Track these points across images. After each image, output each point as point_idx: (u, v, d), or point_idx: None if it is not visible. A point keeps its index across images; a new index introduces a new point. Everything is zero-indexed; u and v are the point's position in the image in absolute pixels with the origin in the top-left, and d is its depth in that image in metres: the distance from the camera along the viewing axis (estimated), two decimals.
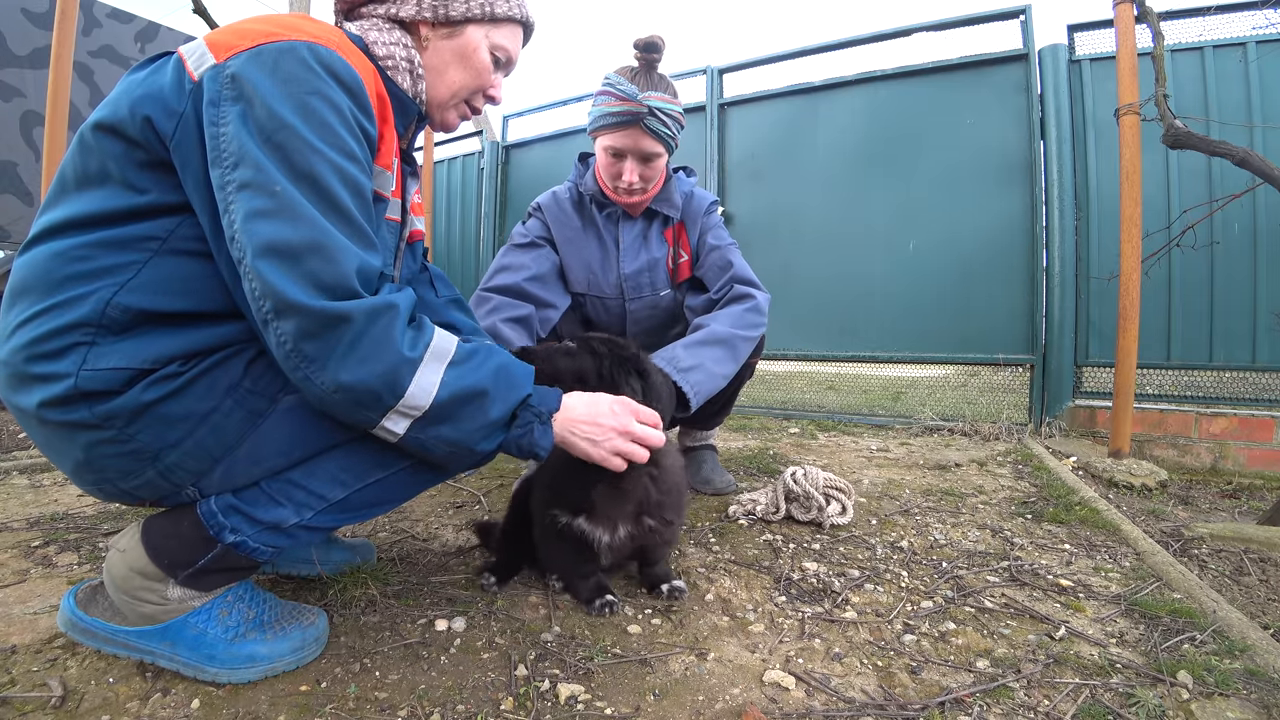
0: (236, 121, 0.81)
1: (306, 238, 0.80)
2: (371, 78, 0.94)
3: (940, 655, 1.06)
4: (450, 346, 0.91)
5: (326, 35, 0.90)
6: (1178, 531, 1.76)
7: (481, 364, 0.92)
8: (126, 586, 0.93)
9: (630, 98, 1.60)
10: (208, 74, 0.83)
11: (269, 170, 0.80)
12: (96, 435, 0.84)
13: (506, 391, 0.94)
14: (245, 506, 0.92)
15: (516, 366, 0.98)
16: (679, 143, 1.71)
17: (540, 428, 0.97)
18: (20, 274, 0.86)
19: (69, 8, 2.50)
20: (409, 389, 0.85)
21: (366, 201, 0.90)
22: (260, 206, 0.80)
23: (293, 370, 0.83)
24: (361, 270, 0.84)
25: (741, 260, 1.82)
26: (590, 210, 1.85)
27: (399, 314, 0.86)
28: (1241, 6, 2.79)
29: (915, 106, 3.44)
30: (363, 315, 0.82)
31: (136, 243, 0.85)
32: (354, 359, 0.82)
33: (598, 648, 1.05)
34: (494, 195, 5.03)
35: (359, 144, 0.89)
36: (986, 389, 3.45)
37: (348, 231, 0.84)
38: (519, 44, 1.17)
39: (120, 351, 0.83)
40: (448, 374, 0.89)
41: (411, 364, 0.85)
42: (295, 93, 0.83)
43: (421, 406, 0.87)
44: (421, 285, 1.31)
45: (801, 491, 1.66)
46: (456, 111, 1.15)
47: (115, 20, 4.59)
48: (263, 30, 0.87)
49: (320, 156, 0.83)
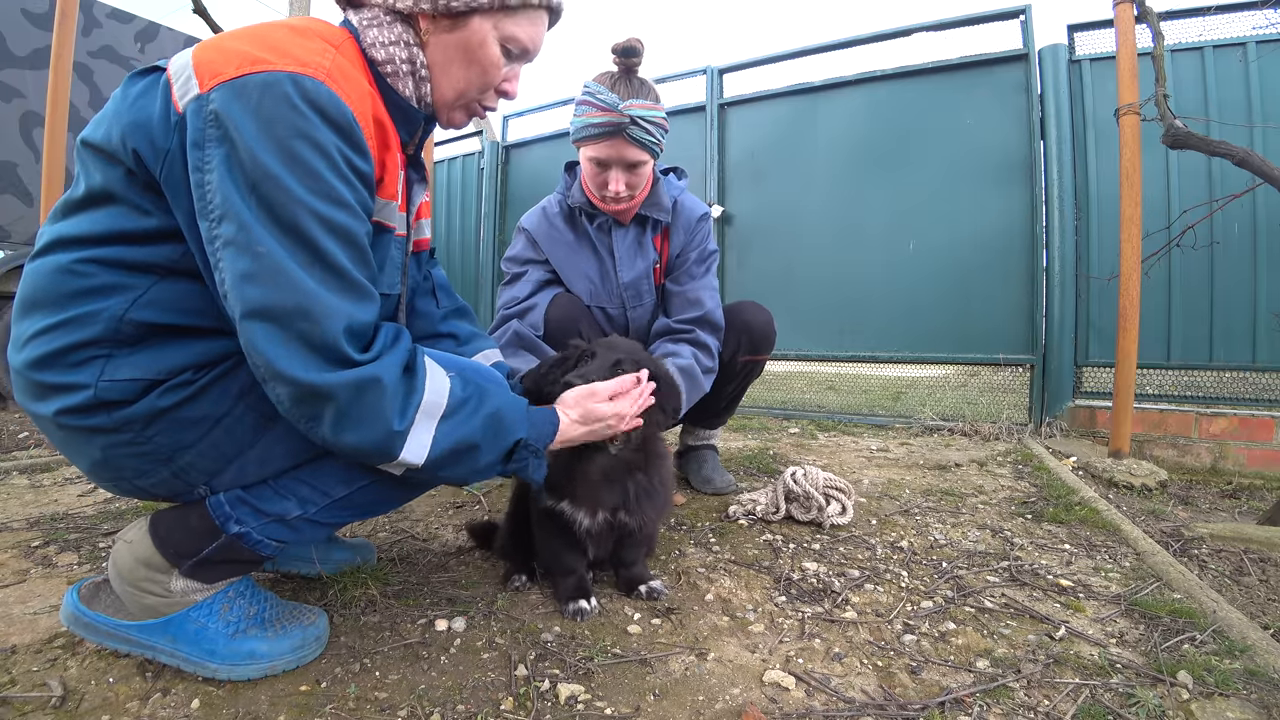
0: (220, 169, 0.78)
1: (291, 302, 0.79)
2: (367, 102, 0.89)
3: (940, 655, 1.06)
4: (442, 400, 0.91)
5: (315, 60, 0.84)
6: (1178, 531, 1.75)
7: (474, 413, 0.94)
8: (131, 577, 0.94)
9: (611, 108, 1.56)
10: (191, 107, 0.80)
11: (253, 228, 0.78)
12: (114, 438, 0.87)
13: (496, 440, 0.96)
14: (252, 499, 0.94)
15: (508, 410, 0.98)
16: (664, 147, 1.69)
17: (535, 462, 1.02)
18: (31, 285, 0.87)
19: (69, 8, 2.50)
20: (401, 454, 0.88)
21: (359, 246, 0.86)
22: (245, 268, 0.78)
23: (295, 422, 0.86)
24: (351, 329, 0.83)
25: (716, 300, 1.80)
26: (582, 222, 1.83)
27: (385, 387, 0.84)
28: (1241, 6, 2.79)
29: (915, 106, 3.44)
30: (348, 391, 0.82)
31: (145, 267, 0.86)
32: (345, 428, 0.84)
33: (598, 648, 1.05)
34: (494, 195, 5.03)
35: (349, 187, 0.85)
36: (986, 389, 3.45)
37: (337, 286, 0.82)
38: (539, 31, 1.05)
39: (135, 363, 0.86)
40: (439, 431, 0.90)
41: (401, 435, 0.87)
42: (279, 136, 0.79)
43: (416, 464, 0.90)
44: (423, 295, 1.31)
45: (801, 491, 1.66)
46: (465, 111, 1.07)
47: (115, 20, 4.59)
48: (249, 55, 0.81)
49: (304, 209, 0.80)
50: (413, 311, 1.28)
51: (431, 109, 1.04)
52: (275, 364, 0.79)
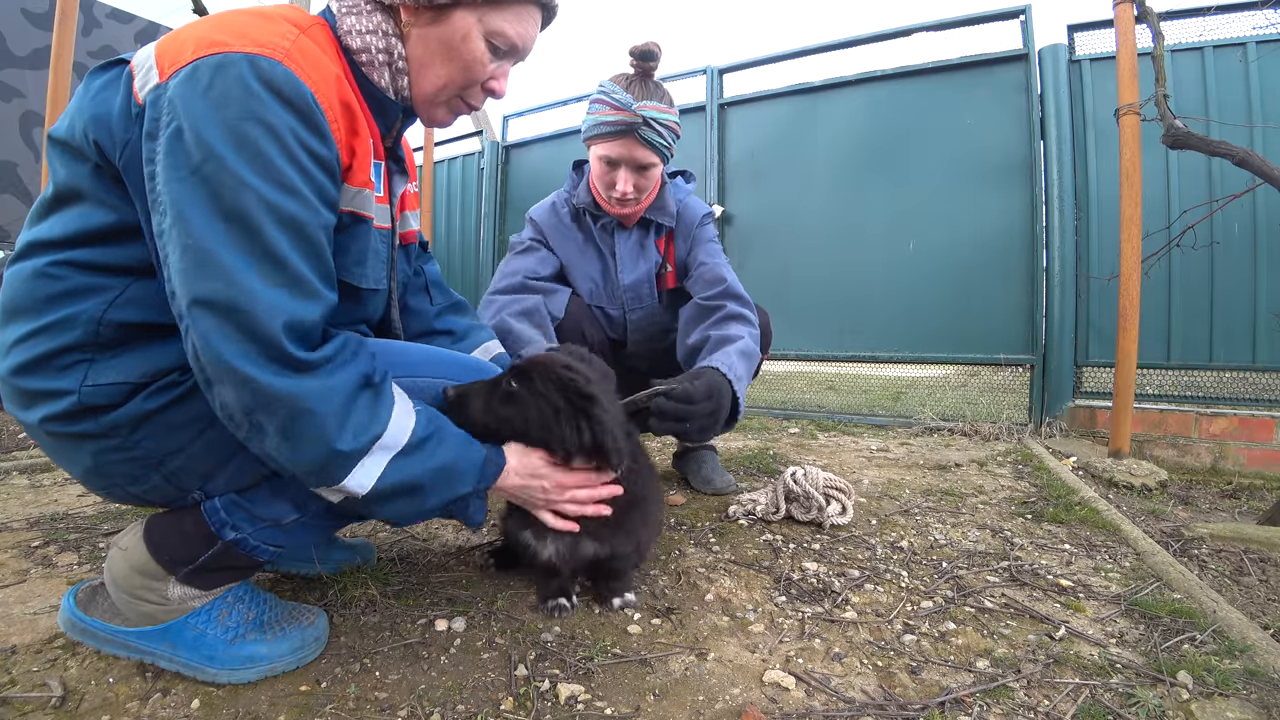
0: (165, 158, 0.75)
1: (225, 295, 0.73)
2: (333, 85, 0.84)
3: (940, 655, 1.06)
4: (402, 438, 0.86)
5: (274, 41, 0.80)
6: (1178, 531, 1.75)
7: (430, 455, 0.89)
8: (127, 585, 0.93)
9: (625, 107, 1.58)
10: (149, 97, 0.77)
11: (190, 217, 0.74)
12: (103, 444, 0.85)
13: (445, 489, 0.92)
14: (247, 504, 0.93)
15: (463, 462, 0.94)
16: (674, 151, 1.70)
17: (476, 502, 0.98)
18: (10, 291, 0.86)
19: (69, 8, 2.50)
20: (343, 481, 0.83)
21: (308, 238, 0.80)
22: (177, 259, 0.74)
23: (235, 431, 0.80)
24: (291, 325, 0.76)
25: (734, 276, 1.79)
26: (586, 222, 1.85)
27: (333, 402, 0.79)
28: (1241, 6, 2.79)
29: (915, 106, 3.44)
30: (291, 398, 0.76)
31: (119, 268, 0.84)
32: (287, 442, 0.78)
33: (598, 648, 1.05)
34: (494, 195, 5.04)
35: (302, 174, 0.79)
36: (986, 389, 3.45)
37: (277, 280, 0.76)
38: (531, 28, 0.99)
39: (119, 367, 0.84)
40: (391, 466, 0.85)
41: (346, 458, 0.81)
42: (228, 117, 0.74)
43: (356, 494, 0.85)
44: (416, 293, 1.29)
45: (801, 491, 1.66)
46: (447, 108, 1.02)
47: (115, 20, 4.60)
48: (206, 38, 0.78)
49: (250, 193, 0.75)
50: (406, 309, 1.26)
51: (409, 102, 1.00)
52: (219, 354, 0.74)
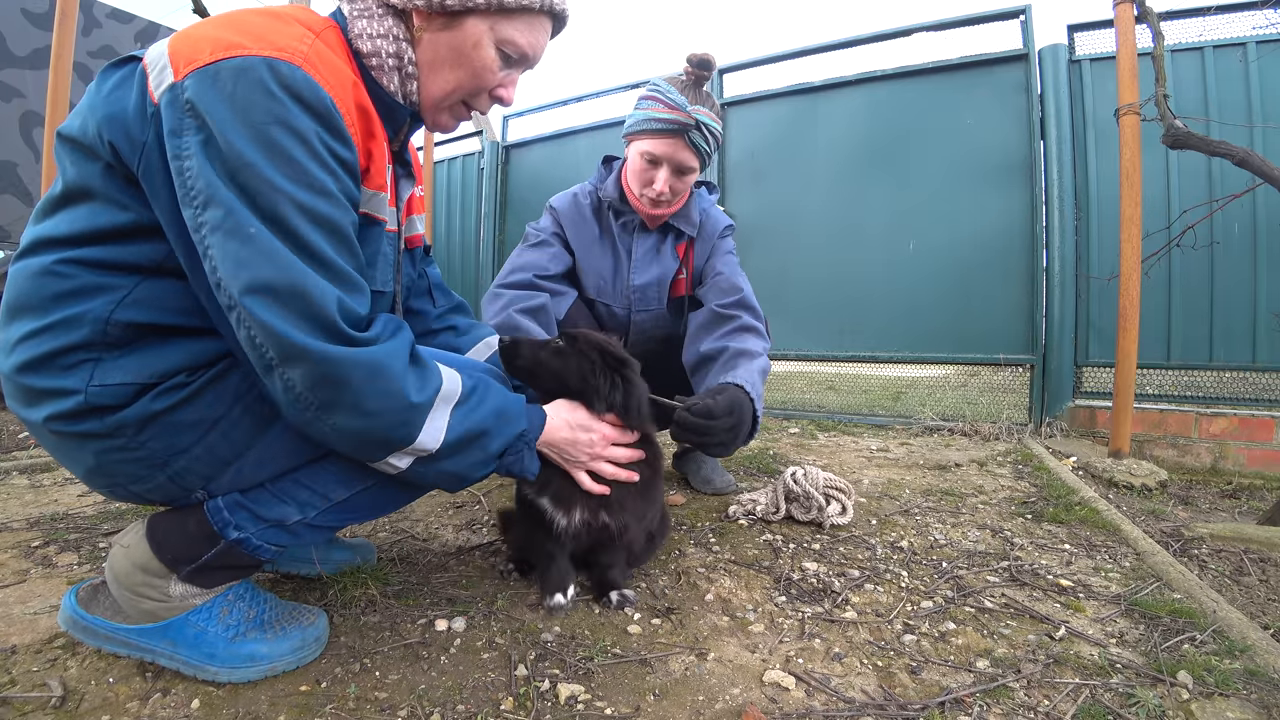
0: (199, 155, 0.76)
1: (286, 281, 0.76)
2: (349, 89, 0.85)
3: (940, 655, 1.06)
4: (456, 388, 0.92)
5: (292, 45, 0.81)
6: (1178, 531, 1.75)
7: (481, 401, 0.95)
8: (129, 582, 0.94)
9: (680, 107, 1.59)
10: (165, 97, 0.77)
11: (240, 212, 0.76)
12: (107, 444, 0.85)
13: (505, 428, 0.98)
14: (250, 504, 0.93)
15: (512, 403, 1.01)
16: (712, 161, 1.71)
17: (529, 454, 1.05)
18: (15, 288, 0.85)
19: (69, 8, 2.50)
20: (419, 437, 0.88)
21: (343, 237, 0.83)
22: (237, 251, 0.76)
23: (297, 414, 0.82)
24: (344, 313, 0.80)
25: (750, 288, 1.80)
26: (607, 217, 1.85)
27: (396, 363, 0.83)
28: (1241, 6, 2.79)
29: (915, 106, 3.44)
30: (361, 367, 0.80)
31: (127, 267, 0.84)
32: (363, 408, 0.82)
33: (598, 648, 1.05)
34: (494, 195, 5.03)
35: (331, 175, 0.82)
36: (986, 389, 3.45)
37: (324, 275, 0.80)
38: (541, 37, 1.01)
39: (126, 367, 0.84)
40: (454, 417, 0.91)
41: (420, 410, 0.86)
42: (255, 123, 0.76)
43: (430, 449, 0.90)
44: (419, 295, 1.30)
45: (801, 491, 1.66)
46: (451, 114, 1.04)
47: (115, 20, 4.60)
48: (222, 39, 0.78)
49: (285, 198, 0.77)
50: (409, 312, 1.27)
51: (417, 106, 1.00)
52: (284, 334, 0.76)
